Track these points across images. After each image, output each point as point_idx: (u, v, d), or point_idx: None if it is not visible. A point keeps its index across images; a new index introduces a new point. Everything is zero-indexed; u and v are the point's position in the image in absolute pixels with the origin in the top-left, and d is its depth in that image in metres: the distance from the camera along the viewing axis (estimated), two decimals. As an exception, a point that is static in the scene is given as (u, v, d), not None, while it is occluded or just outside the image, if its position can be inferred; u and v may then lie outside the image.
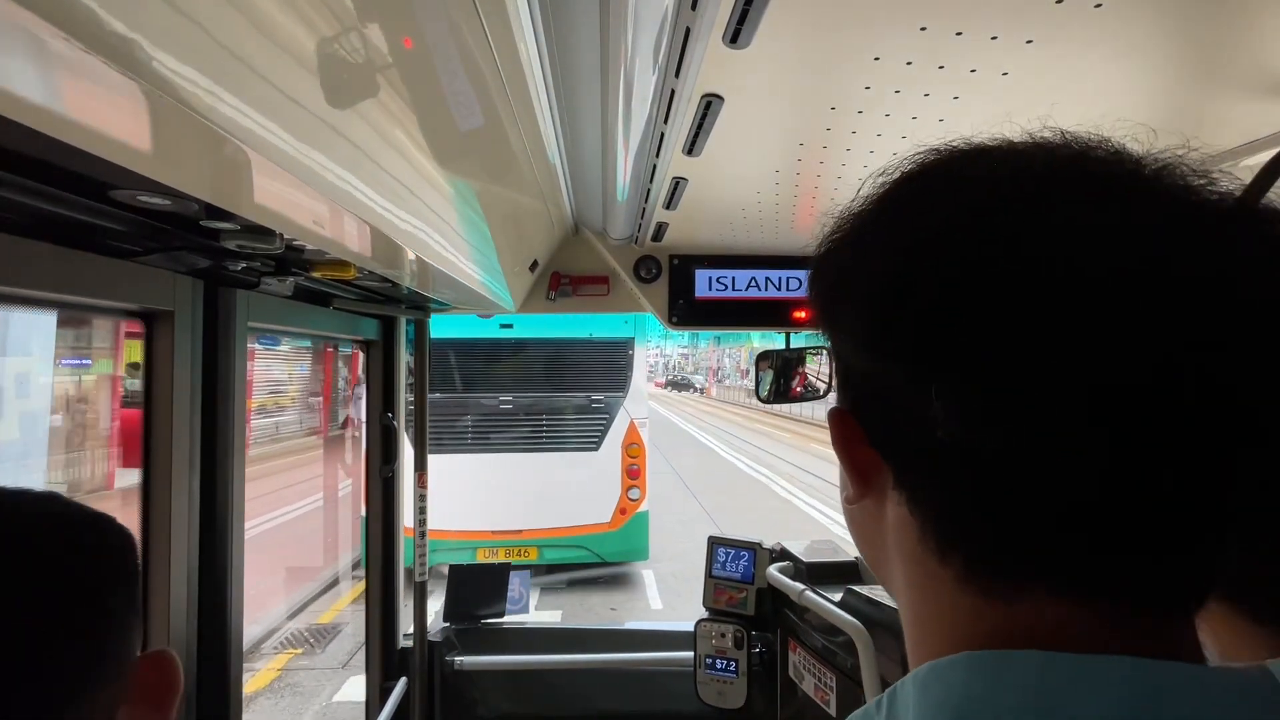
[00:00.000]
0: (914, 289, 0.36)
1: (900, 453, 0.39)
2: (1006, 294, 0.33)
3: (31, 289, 0.85)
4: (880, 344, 0.38)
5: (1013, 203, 0.36)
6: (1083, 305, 0.33)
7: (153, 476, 1.14)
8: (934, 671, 0.35)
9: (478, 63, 0.76)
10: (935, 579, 0.37)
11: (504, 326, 6.86)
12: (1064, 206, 0.35)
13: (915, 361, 0.36)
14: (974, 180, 0.39)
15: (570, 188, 1.68)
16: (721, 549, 2.11)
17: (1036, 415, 0.33)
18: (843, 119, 1.02)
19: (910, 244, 0.37)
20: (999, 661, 0.34)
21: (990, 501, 0.35)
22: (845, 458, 0.41)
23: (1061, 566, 0.34)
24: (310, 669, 5.33)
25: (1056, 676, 0.32)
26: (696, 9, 0.71)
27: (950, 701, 0.33)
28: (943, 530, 0.37)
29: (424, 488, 2.31)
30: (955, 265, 0.35)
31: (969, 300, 0.34)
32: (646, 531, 7.27)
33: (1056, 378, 0.33)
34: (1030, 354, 0.33)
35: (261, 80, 0.51)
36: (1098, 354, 0.32)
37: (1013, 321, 0.33)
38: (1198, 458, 0.33)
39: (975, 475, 0.35)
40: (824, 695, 1.70)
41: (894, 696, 0.37)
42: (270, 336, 3.46)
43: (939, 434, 0.35)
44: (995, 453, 0.34)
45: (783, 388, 2.29)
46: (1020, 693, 0.32)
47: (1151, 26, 0.75)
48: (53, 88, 0.41)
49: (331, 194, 0.70)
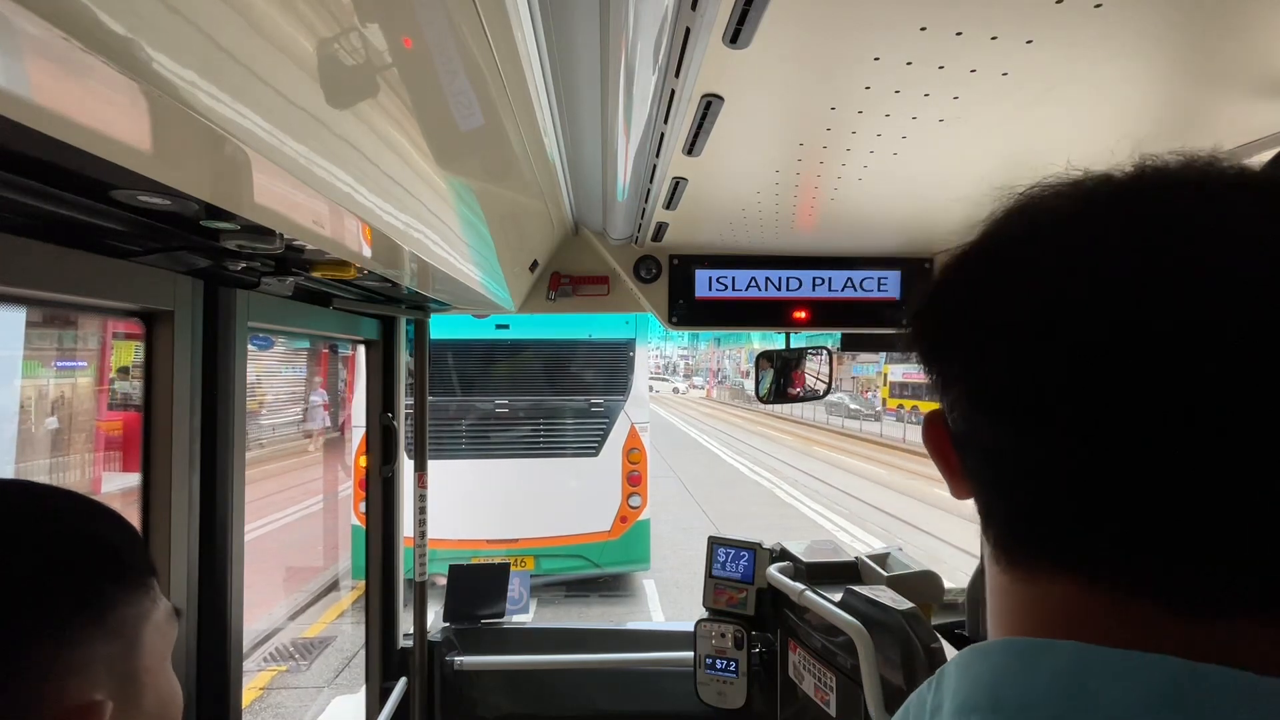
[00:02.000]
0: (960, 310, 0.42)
1: (960, 446, 0.43)
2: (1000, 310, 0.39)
3: (31, 289, 0.85)
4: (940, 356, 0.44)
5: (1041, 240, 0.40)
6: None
7: (153, 476, 1.14)
8: (975, 653, 0.38)
9: (478, 63, 0.76)
10: (990, 561, 0.43)
11: (500, 327, 6.74)
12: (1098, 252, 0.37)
13: (945, 360, 0.43)
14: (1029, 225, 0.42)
15: (570, 188, 1.68)
16: (721, 549, 2.11)
17: (1018, 408, 0.37)
18: (843, 119, 1.02)
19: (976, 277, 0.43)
20: (1035, 649, 0.36)
21: (1001, 485, 0.40)
22: (932, 451, 0.46)
23: (1072, 554, 0.37)
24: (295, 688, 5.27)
25: (1086, 668, 0.33)
26: (696, 9, 0.71)
27: (985, 679, 0.36)
28: (983, 510, 0.42)
29: (424, 488, 2.31)
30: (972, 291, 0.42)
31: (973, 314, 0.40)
32: (648, 540, 7.15)
33: (1028, 357, 0.37)
34: (997, 346, 0.38)
35: (262, 80, 0.51)
36: (1079, 354, 0.35)
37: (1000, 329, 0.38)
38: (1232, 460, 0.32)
39: (987, 459, 0.40)
40: (824, 695, 1.70)
41: (942, 675, 0.40)
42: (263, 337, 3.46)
43: (950, 423, 0.42)
44: (992, 445, 0.39)
45: (782, 388, 2.29)
46: (1053, 680, 0.34)
47: (1151, 27, 0.75)
48: (53, 88, 0.41)
49: (331, 194, 0.70)
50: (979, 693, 0.36)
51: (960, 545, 9.36)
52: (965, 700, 0.36)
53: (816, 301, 2.15)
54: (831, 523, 11.27)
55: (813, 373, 2.28)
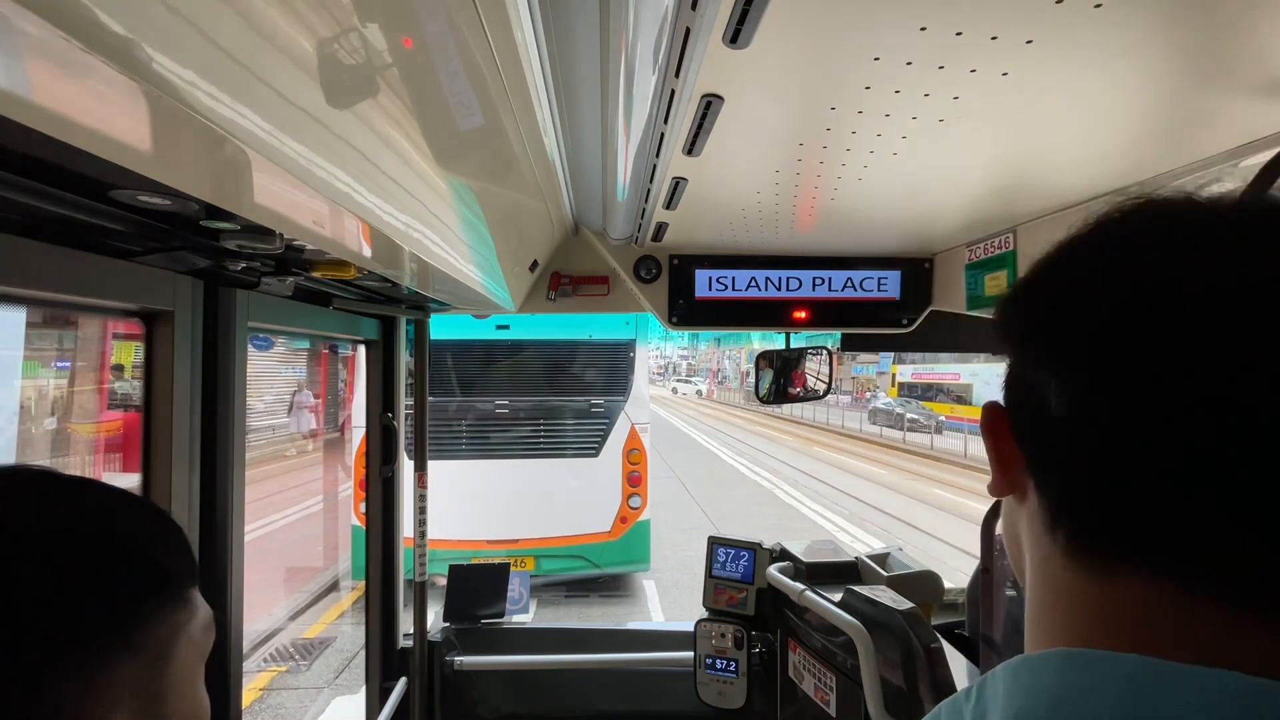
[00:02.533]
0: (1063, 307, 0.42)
1: (1030, 437, 0.43)
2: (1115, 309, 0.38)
3: (32, 289, 0.86)
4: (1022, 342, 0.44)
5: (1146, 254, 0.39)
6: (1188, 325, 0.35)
7: (153, 476, 1.14)
8: (1026, 663, 0.37)
9: (478, 63, 0.76)
10: (1049, 560, 0.41)
11: (500, 328, 6.73)
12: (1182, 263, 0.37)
13: (1040, 350, 0.42)
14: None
15: (570, 188, 1.68)
16: (721, 549, 2.11)
17: (1139, 394, 0.36)
18: (843, 119, 1.02)
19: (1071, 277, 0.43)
20: (1095, 661, 0.35)
21: (1093, 476, 0.38)
22: (990, 442, 0.46)
23: (1155, 544, 0.36)
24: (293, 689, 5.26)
25: (1150, 683, 0.32)
26: (696, 9, 0.71)
27: (1040, 692, 0.35)
28: (1054, 505, 0.41)
29: (424, 488, 2.31)
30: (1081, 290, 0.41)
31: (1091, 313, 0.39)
32: (648, 541, 7.14)
33: (1148, 369, 0.36)
34: (1129, 347, 0.37)
35: (261, 80, 0.51)
36: (1196, 364, 0.35)
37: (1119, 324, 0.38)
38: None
39: (1083, 449, 0.39)
40: (824, 695, 1.70)
41: (984, 685, 0.39)
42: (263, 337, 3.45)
43: (1052, 408, 0.40)
44: (1102, 428, 0.38)
45: (783, 388, 2.29)
46: (1113, 695, 0.33)
47: (1151, 27, 0.75)
48: (53, 88, 0.41)
49: (331, 194, 0.70)
50: (1035, 704, 0.34)
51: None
52: (1019, 711, 0.35)
53: (816, 301, 2.15)
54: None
55: (813, 373, 2.28)
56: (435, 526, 2.55)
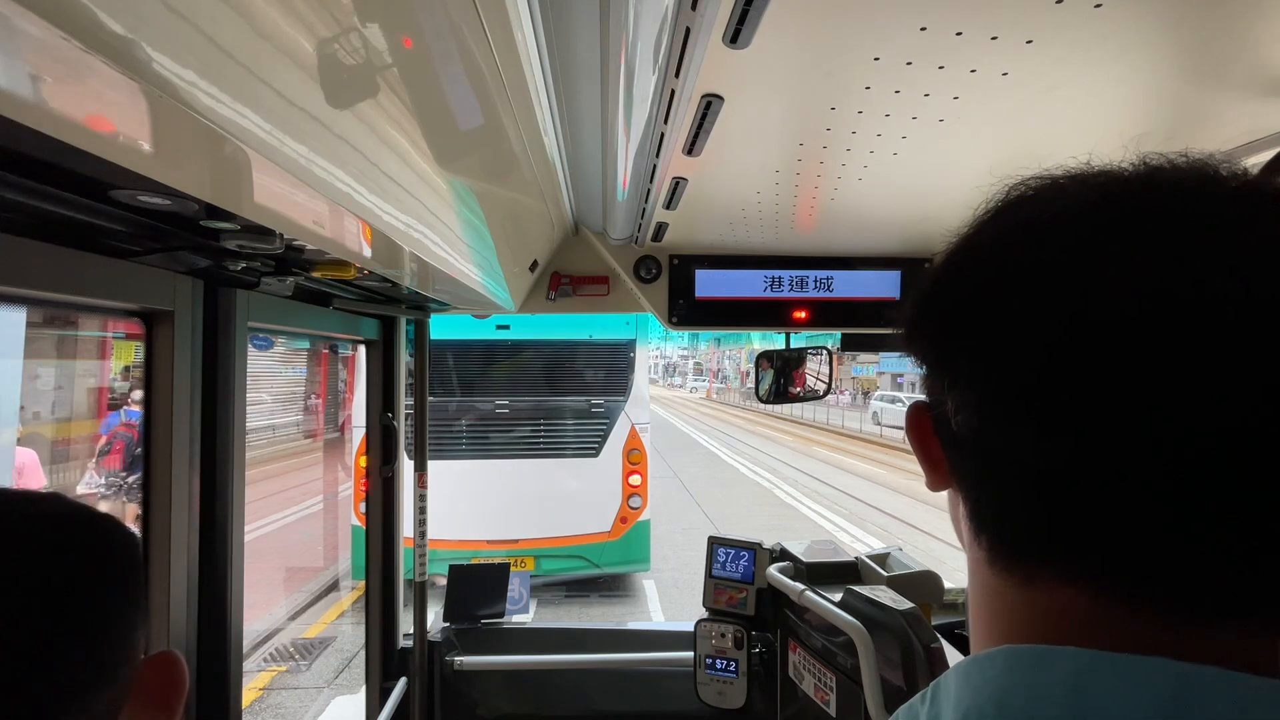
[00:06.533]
0: (955, 307, 0.42)
1: (946, 442, 0.43)
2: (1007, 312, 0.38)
3: (31, 289, 0.85)
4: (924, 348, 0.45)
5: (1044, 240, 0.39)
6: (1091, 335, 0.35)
7: (153, 476, 1.14)
8: (975, 663, 0.38)
9: (478, 63, 0.76)
10: (980, 563, 0.42)
11: (500, 328, 6.71)
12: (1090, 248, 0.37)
13: (939, 363, 0.43)
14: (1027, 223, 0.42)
15: (570, 188, 1.68)
16: (721, 549, 2.11)
17: (1031, 409, 0.36)
18: (843, 119, 1.02)
19: (969, 273, 0.43)
20: (1037, 657, 0.35)
21: (1000, 490, 0.39)
22: (915, 445, 0.46)
23: (1071, 554, 0.36)
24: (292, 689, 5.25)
25: (1091, 675, 0.33)
26: (696, 9, 0.71)
27: (987, 690, 0.36)
28: (973, 514, 0.41)
29: (424, 488, 2.31)
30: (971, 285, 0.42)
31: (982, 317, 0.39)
32: (648, 541, 7.13)
33: (1036, 378, 0.36)
34: (1018, 361, 0.37)
35: (261, 80, 0.51)
36: (1089, 377, 0.34)
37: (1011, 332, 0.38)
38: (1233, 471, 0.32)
39: (987, 465, 0.39)
40: (824, 695, 1.70)
41: (938, 687, 0.39)
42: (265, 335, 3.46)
43: (953, 424, 0.40)
44: (1002, 447, 0.38)
45: (783, 388, 2.29)
46: (1056, 689, 0.34)
47: (1151, 26, 0.75)
48: (53, 88, 0.41)
49: (331, 194, 0.70)
50: (983, 701, 0.35)
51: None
52: (969, 710, 0.36)
53: (816, 302, 2.15)
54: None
55: (813, 373, 2.28)
56: (435, 526, 2.55)
